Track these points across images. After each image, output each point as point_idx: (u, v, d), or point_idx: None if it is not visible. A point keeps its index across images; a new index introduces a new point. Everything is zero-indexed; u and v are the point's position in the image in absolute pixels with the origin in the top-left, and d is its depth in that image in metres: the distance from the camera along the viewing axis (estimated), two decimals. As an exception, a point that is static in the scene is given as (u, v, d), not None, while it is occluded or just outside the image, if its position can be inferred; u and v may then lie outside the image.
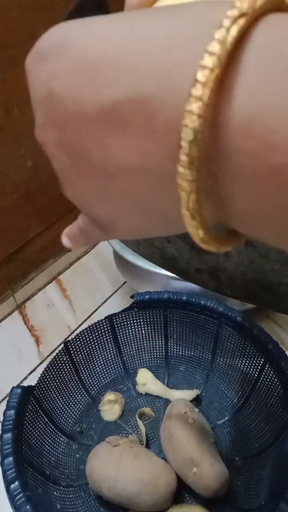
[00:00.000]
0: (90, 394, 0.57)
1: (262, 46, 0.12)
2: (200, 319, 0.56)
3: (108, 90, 0.14)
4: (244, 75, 0.12)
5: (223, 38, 0.11)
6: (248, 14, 0.12)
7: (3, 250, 0.68)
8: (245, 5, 0.12)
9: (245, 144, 0.12)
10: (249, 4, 0.12)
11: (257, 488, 0.48)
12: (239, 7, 0.12)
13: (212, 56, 0.11)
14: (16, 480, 0.40)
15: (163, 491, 0.45)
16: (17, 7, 0.53)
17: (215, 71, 0.11)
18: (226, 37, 0.12)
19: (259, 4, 0.12)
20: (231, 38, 0.12)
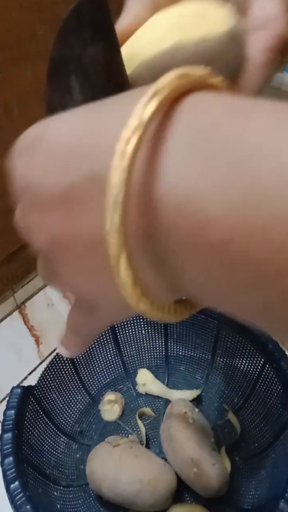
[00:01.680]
0: (90, 394, 0.57)
1: (186, 130, 0.13)
2: (200, 319, 0.56)
3: (66, 175, 0.15)
4: (173, 159, 0.13)
5: (140, 113, 0.13)
6: (163, 91, 0.13)
7: (3, 250, 0.68)
8: (160, 85, 0.13)
9: (180, 220, 0.13)
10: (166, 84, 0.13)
11: (257, 488, 0.48)
12: (156, 86, 0.13)
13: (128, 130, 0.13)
14: (16, 480, 0.40)
15: (163, 491, 0.45)
16: (17, 7, 0.53)
17: (131, 141, 0.13)
18: (142, 112, 0.13)
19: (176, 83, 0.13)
20: (148, 112, 0.13)
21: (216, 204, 0.12)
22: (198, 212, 0.12)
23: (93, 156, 0.15)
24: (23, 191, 0.18)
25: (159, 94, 0.13)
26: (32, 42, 0.55)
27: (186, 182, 0.12)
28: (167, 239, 0.13)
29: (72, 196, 0.15)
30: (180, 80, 0.14)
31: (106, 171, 0.14)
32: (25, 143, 0.18)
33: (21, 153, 0.18)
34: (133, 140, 0.13)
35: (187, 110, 0.13)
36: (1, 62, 0.54)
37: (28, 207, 0.18)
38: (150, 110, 0.13)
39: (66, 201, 0.16)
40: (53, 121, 0.17)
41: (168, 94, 0.13)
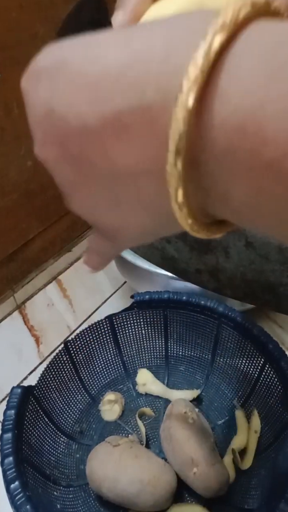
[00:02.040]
0: (90, 394, 0.57)
1: (251, 50, 0.13)
2: (200, 319, 0.56)
3: (110, 102, 0.14)
4: (236, 79, 0.13)
5: (206, 50, 0.13)
6: (230, 25, 0.13)
7: (3, 250, 0.68)
8: (228, 17, 0.13)
9: (240, 142, 0.12)
10: (232, 16, 0.13)
11: (257, 488, 0.48)
12: (222, 19, 0.13)
13: (195, 67, 0.12)
14: (16, 480, 0.40)
15: (163, 491, 0.45)
16: (17, 7, 0.53)
17: (198, 80, 0.13)
18: (209, 49, 0.13)
19: (242, 16, 0.13)
20: (214, 50, 0.13)
21: (278, 118, 0.12)
22: (260, 130, 0.12)
23: (142, 84, 0.14)
24: (43, 119, 0.16)
25: (225, 27, 0.13)
26: (32, 43, 0.55)
27: (249, 101, 0.12)
28: (224, 162, 0.13)
29: (112, 125, 0.14)
30: (248, 8, 0.13)
31: (159, 100, 0.13)
32: (44, 65, 0.16)
33: (39, 76, 0.16)
34: (198, 81, 0.13)
35: (249, 36, 0.13)
36: (1, 62, 0.54)
37: (50, 138, 0.16)
38: (216, 46, 0.13)
39: (103, 131, 0.15)
40: (79, 44, 0.16)
41: (234, 25, 0.13)
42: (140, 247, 0.39)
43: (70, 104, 0.15)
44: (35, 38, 0.55)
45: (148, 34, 0.14)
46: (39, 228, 0.72)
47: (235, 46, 0.13)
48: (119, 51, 0.14)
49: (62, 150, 0.16)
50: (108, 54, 0.15)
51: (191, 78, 0.13)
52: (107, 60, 0.14)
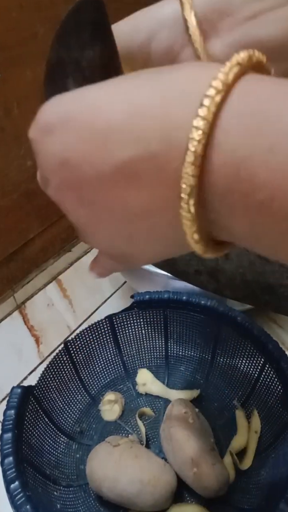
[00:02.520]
0: (90, 394, 0.57)
1: (239, 112, 0.15)
2: (200, 319, 0.56)
3: (119, 152, 0.16)
4: (228, 134, 0.15)
5: (205, 115, 0.15)
6: (223, 90, 0.15)
7: (3, 250, 0.68)
8: (219, 85, 0.15)
9: (236, 185, 0.15)
10: (223, 82, 0.15)
11: (257, 488, 0.48)
12: (215, 87, 0.15)
13: (198, 130, 0.15)
14: (16, 480, 0.40)
15: (163, 491, 0.45)
16: (17, 7, 0.52)
17: (202, 141, 0.15)
18: (207, 114, 0.15)
19: (231, 79, 0.15)
20: (211, 114, 0.15)
21: (264, 168, 0.14)
22: (251, 176, 0.14)
23: (147, 136, 0.16)
24: (58, 169, 0.18)
25: (219, 93, 0.15)
26: (32, 42, 0.55)
27: (239, 153, 0.15)
28: (225, 202, 0.16)
29: (124, 173, 0.16)
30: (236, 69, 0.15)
31: (164, 150, 0.15)
32: (51, 120, 0.18)
33: (49, 130, 0.18)
34: (202, 141, 0.15)
35: (237, 97, 0.15)
36: (1, 62, 0.54)
37: (65, 184, 0.18)
38: (213, 110, 0.15)
39: (116, 178, 0.17)
40: (81, 98, 0.18)
41: (226, 89, 0.15)
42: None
43: (83, 155, 0.17)
44: (35, 38, 0.55)
45: (147, 91, 0.16)
46: (39, 228, 0.72)
47: (226, 106, 0.15)
48: (121, 106, 0.16)
49: (78, 195, 0.18)
50: (111, 108, 0.17)
51: (195, 141, 0.15)
52: (112, 114, 0.16)
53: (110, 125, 0.16)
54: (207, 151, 0.15)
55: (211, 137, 0.15)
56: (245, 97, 0.15)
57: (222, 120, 0.15)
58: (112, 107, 0.17)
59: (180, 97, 0.16)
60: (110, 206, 0.18)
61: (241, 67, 0.16)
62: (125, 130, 0.16)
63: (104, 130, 0.16)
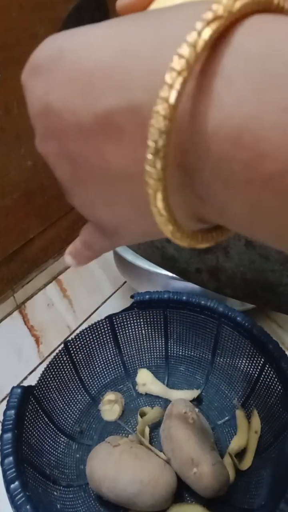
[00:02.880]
0: (90, 394, 0.57)
1: (247, 54, 0.12)
2: (200, 319, 0.56)
3: (101, 100, 0.14)
4: (231, 84, 0.12)
5: (193, 41, 0.12)
6: (223, 17, 0.12)
7: (3, 250, 0.68)
8: (220, 8, 0.12)
9: (236, 153, 0.12)
10: (226, 7, 0.12)
11: (257, 488, 0.48)
12: (214, 10, 0.12)
13: (180, 59, 0.12)
14: (16, 480, 0.40)
15: (163, 491, 0.45)
16: (17, 7, 0.53)
17: (183, 73, 0.12)
18: (197, 40, 0.12)
19: (238, 7, 0.12)
20: (202, 42, 0.12)
21: (278, 131, 0.11)
22: (258, 141, 0.11)
23: (132, 83, 0.13)
24: (41, 115, 0.16)
25: (217, 19, 0.12)
26: (32, 42, 0.55)
27: (245, 110, 0.11)
28: (219, 172, 0.13)
29: (104, 125, 0.14)
30: (244, 1, 0.12)
31: (148, 101, 0.13)
32: (41, 59, 0.16)
33: (37, 71, 0.16)
34: (183, 74, 0.12)
35: (246, 34, 0.12)
36: (1, 62, 0.54)
37: (48, 133, 0.16)
38: (205, 37, 0.12)
39: (96, 129, 0.14)
40: (76, 35, 0.15)
41: (228, 17, 0.12)
42: (140, 246, 0.39)
43: (65, 100, 0.15)
44: (35, 38, 0.55)
45: (141, 30, 0.14)
46: (39, 228, 0.72)
47: (229, 45, 0.12)
48: (112, 45, 0.14)
49: (60, 146, 0.16)
50: (101, 47, 0.14)
51: (175, 72, 0.12)
52: (101, 53, 0.14)
53: (97, 66, 0.14)
54: (197, 101, 0.12)
55: (202, 84, 0.12)
56: (256, 34, 0.12)
57: (222, 60, 0.12)
58: (103, 44, 0.14)
59: (174, 32, 0.13)
60: (90, 162, 0.15)
61: (255, 0, 0.12)
62: (111, 74, 0.14)
63: (90, 71, 0.14)
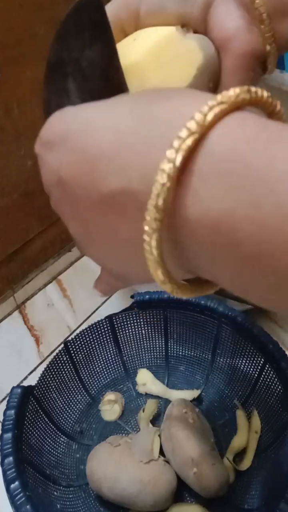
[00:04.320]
0: (90, 394, 0.57)
1: (218, 157, 0.14)
2: (200, 319, 0.56)
3: (105, 181, 0.17)
4: (206, 183, 0.14)
5: (173, 158, 0.14)
6: (196, 132, 0.14)
7: (3, 250, 0.68)
8: (193, 125, 0.14)
9: (216, 238, 0.14)
10: (198, 122, 0.14)
11: (257, 488, 0.48)
12: (188, 127, 0.14)
13: (163, 174, 0.14)
14: (16, 480, 0.40)
15: (163, 491, 0.45)
16: (17, 7, 0.52)
17: (166, 185, 0.14)
18: (174, 157, 0.14)
19: (208, 121, 0.14)
20: (180, 158, 0.14)
21: (248, 222, 0.13)
22: (233, 230, 0.14)
23: (130, 171, 0.16)
24: (55, 185, 0.19)
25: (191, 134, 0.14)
26: (32, 42, 0.55)
27: (219, 205, 0.14)
28: (203, 251, 0.15)
29: (109, 201, 0.17)
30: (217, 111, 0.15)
31: (143, 189, 0.15)
32: (51, 137, 0.19)
33: (48, 146, 0.19)
34: (166, 185, 0.14)
35: (216, 139, 0.14)
36: (1, 62, 0.54)
37: (62, 200, 0.19)
38: (182, 152, 0.14)
39: (103, 204, 0.17)
40: (80, 118, 0.18)
41: (201, 131, 0.14)
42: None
43: (74, 176, 0.18)
44: (35, 38, 0.55)
45: (135, 123, 0.16)
46: (39, 228, 0.72)
47: (204, 149, 0.14)
48: (111, 134, 0.16)
49: (73, 211, 0.19)
50: (102, 135, 0.17)
51: (160, 182, 0.14)
52: (101, 141, 0.17)
53: (100, 152, 0.17)
54: (181, 197, 0.15)
55: (184, 182, 0.14)
56: (224, 140, 0.14)
57: (198, 165, 0.14)
58: (103, 134, 0.17)
59: (162, 135, 0.15)
60: (100, 228, 0.18)
61: (227, 106, 0.15)
62: (111, 161, 0.16)
63: (94, 156, 0.17)
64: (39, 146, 0.20)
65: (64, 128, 0.18)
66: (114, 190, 0.16)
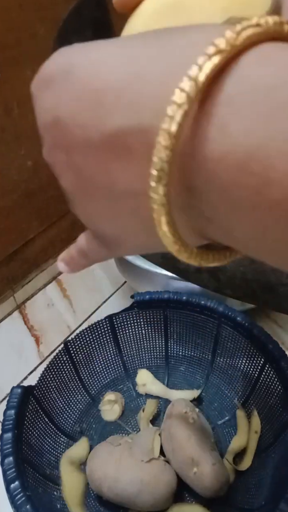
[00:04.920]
0: (90, 394, 0.57)
1: (254, 84, 0.12)
2: (200, 319, 0.56)
3: (111, 119, 0.14)
4: (237, 113, 0.12)
5: (195, 75, 0.12)
6: (226, 51, 0.12)
7: (3, 250, 0.68)
8: (222, 42, 0.12)
9: (242, 179, 0.12)
10: (228, 40, 0.12)
11: (257, 488, 0.48)
12: (216, 44, 0.12)
13: (182, 93, 0.12)
14: (16, 480, 0.40)
15: (163, 491, 0.45)
16: (17, 7, 0.53)
17: (183, 106, 0.12)
18: (197, 74, 0.12)
19: (241, 40, 0.12)
20: (204, 76, 0.12)
21: (284, 159, 0.11)
22: (265, 169, 0.12)
23: (141, 105, 0.14)
24: (50, 126, 0.17)
25: (219, 53, 0.12)
26: (32, 42, 0.55)
27: (252, 139, 0.12)
28: (226, 197, 0.13)
29: (112, 143, 0.14)
30: (251, 30, 0.12)
31: (156, 123, 0.13)
32: (53, 72, 0.16)
33: (47, 83, 0.16)
34: (183, 107, 0.12)
35: (252, 64, 0.12)
36: (1, 62, 0.54)
37: (56, 144, 0.17)
38: (206, 71, 0.12)
39: (104, 146, 0.15)
40: (88, 51, 0.16)
41: (231, 51, 0.12)
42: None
43: (74, 114, 0.15)
44: (35, 38, 0.55)
45: (151, 53, 0.14)
46: (39, 228, 0.72)
47: (235, 75, 0.12)
48: (123, 66, 0.14)
49: (68, 158, 0.16)
50: (112, 67, 0.15)
51: (177, 103, 0.12)
52: (111, 74, 0.14)
53: (108, 86, 0.14)
54: (204, 128, 0.13)
55: (208, 113, 0.12)
56: (263, 64, 0.12)
57: (229, 89, 0.12)
58: (115, 65, 0.14)
59: (186, 59, 0.13)
60: (96, 177, 0.16)
61: (263, 30, 0.12)
62: (121, 95, 0.14)
63: (100, 90, 0.14)
64: (35, 83, 0.17)
65: (68, 61, 0.16)
66: (118, 127, 0.14)
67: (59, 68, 0.16)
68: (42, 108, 0.17)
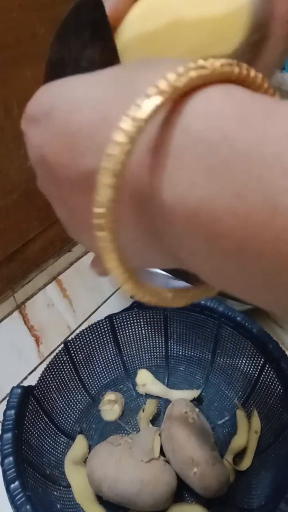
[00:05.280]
0: (90, 394, 0.57)
1: (197, 137, 0.12)
2: (200, 319, 0.56)
3: (84, 160, 0.15)
4: (183, 166, 0.12)
5: (132, 115, 0.12)
6: (166, 92, 0.12)
7: (3, 250, 0.68)
8: (163, 83, 0.12)
9: (194, 229, 0.13)
10: (169, 82, 0.12)
11: (257, 488, 0.48)
12: (157, 85, 0.12)
13: (120, 132, 0.12)
14: (16, 480, 0.40)
15: (163, 491, 0.45)
16: (17, 7, 0.52)
17: (122, 145, 0.12)
18: (135, 114, 0.12)
19: (184, 82, 0.12)
20: (145, 115, 0.12)
21: (230, 214, 0.11)
22: (213, 222, 0.12)
23: (100, 148, 0.14)
24: (39, 162, 0.18)
25: (166, 88, 0.12)
26: (32, 42, 0.55)
27: (198, 193, 0.12)
28: (182, 243, 0.13)
29: (87, 182, 0.15)
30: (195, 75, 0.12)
31: None
32: (36, 112, 0.18)
33: (33, 122, 0.18)
34: (126, 136, 0.12)
35: (194, 114, 0.12)
36: (1, 62, 0.54)
37: (47, 179, 0.18)
38: (151, 106, 0.12)
39: (82, 185, 0.16)
40: (65, 92, 0.17)
41: (177, 88, 0.12)
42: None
43: (56, 155, 0.16)
44: (35, 38, 0.55)
45: (114, 94, 0.15)
46: (39, 228, 0.72)
47: (179, 124, 0.12)
48: (93, 111, 0.15)
49: (57, 192, 0.18)
50: (86, 112, 0.15)
51: (116, 141, 0.12)
52: (84, 119, 0.15)
53: (80, 129, 0.15)
54: (156, 180, 0.13)
55: (158, 164, 0.13)
56: (204, 116, 0.12)
57: (172, 144, 0.12)
58: (87, 110, 0.15)
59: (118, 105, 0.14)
60: (81, 211, 0.17)
61: (208, 72, 0.12)
62: (90, 138, 0.15)
63: (74, 132, 0.15)
64: (23, 122, 0.18)
65: (48, 102, 0.17)
66: (90, 169, 0.15)
67: (42, 109, 0.17)
68: (32, 145, 0.18)
